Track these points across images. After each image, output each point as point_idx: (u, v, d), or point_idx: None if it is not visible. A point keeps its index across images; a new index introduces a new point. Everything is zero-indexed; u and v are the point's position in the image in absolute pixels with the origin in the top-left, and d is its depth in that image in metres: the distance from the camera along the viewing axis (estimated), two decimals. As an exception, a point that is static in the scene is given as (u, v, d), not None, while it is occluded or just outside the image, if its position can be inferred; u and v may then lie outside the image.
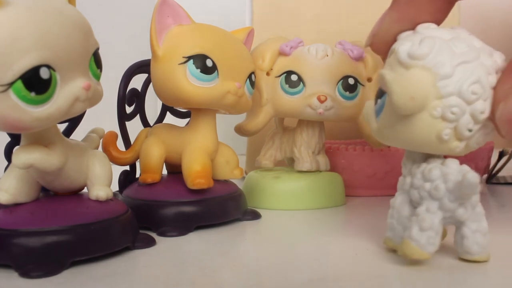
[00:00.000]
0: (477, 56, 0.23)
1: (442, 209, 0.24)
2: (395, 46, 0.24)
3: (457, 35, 0.24)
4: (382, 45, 0.27)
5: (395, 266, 0.25)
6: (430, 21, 0.25)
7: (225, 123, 0.44)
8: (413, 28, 0.25)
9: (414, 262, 0.24)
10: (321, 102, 0.37)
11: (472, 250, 0.24)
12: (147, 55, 0.34)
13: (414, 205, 0.25)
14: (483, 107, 0.22)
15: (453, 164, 0.24)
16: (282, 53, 0.39)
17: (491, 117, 0.23)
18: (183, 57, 0.31)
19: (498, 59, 0.23)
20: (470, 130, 0.23)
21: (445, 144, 0.23)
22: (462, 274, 0.23)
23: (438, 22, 0.25)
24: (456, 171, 0.23)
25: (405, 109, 0.23)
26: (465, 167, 0.23)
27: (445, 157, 0.25)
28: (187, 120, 0.40)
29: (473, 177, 0.22)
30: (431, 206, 0.24)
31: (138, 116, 0.38)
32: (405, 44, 0.23)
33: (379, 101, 0.25)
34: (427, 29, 0.24)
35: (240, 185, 0.38)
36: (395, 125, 0.24)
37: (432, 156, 0.25)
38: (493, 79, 0.23)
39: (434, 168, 0.24)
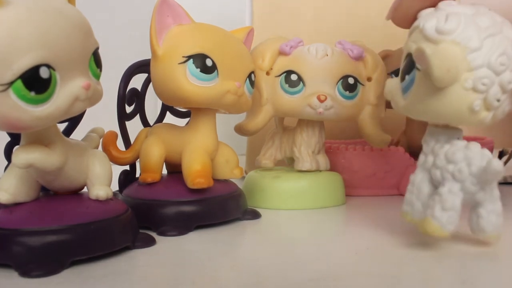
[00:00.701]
0: (501, 29, 0.24)
1: (464, 190, 0.25)
2: (420, 23, 0.25)
3: (478, 10, 0.25)
4: (402, 20, 0.28)
5: (395, 265, 0.25)
6: None
7: (225, 123, 0.44)
8: (433, 5, 0.26)
9: (432, 240, 0.26)
10: (321, 101, 0.37)
11: (486, 229, 0.25)
12: (147, 55, 0.34)
13: (434, 183, 0.26)
14: (510, 77, 0.24)
15: (475, 148, 0.25)
16: (282, 53, 0.39)
17: None
18: (183, 56, 0.31)
19: None
20: (498, 100, 0.24)
21: (475, 115, 0.24)
22: (462, 274, 0.23)
23: None
24: (479, 155, 0.24)
25: (443, 82, 0.23)
26: (487, 152, 0.24)
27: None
28: (187, 120, 0.40)
29: (498, 165, 0.23)
30: (453, 187, 0.25)
31: (138, 116, 0.38)
32: (430, 21, 0.25)
33: (407, 77, 0.26)
34: (449, 5, 0.25)
35: (240, 184, 0.38)
36: (427, 99, 0.25)
37: (455, 136, 0.26)
38: None
39: (457, 151, 0.25)
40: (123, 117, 0.37)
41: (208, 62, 0.31)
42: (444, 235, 0.25)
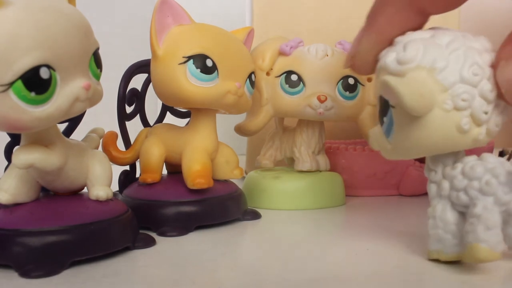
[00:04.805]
0: (463, 42, 0.23)
1: (497, 203, 0.23)
2: (381, 62, 0.24)
3: (436, 32, 0.24)
4: (363, 65, 0.27)
5: (395, 266, 0.25)
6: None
7: (225, 123, 0.44)
8: (392, 43, 0.25)
9: (480, 266, 0.23)
10: (321, 102, 0.37)
11: None
12: (147, 55, 0.34)
13: (457, 209, 0.24)
14: (489, 85, 0.23)
15: (491, 158, 0.23)
16: (282, 53, 0.39)
17: (497, 90, 0.23)
18: (183, 57, 0.31)
19: (484, 42, 0.24)
20: (486, 113, 0.23)
21: (467, 135, 0.23)
22: (462, 274, 0.23)
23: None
24: (499, 163, 0.23)
25: (418, 108, 0.22)
26: (500, 158, 0.23)
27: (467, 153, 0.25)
28: (187, 120, 0.40)
29: None
30: (487, 202, 0.23)
31: (138, 116, 0.38)
32: (390, 55, 0.24)
33: (385, 119, 0.25)
34: (405, 36, 0.24)
35: (240, 185, 0.38)
36: (411, 134, 0.23)
37: (459, 155, 0.24)
38: (487, 57, 0.23)
39: (476, 165, 0.23)
40: (123, 117, 0.37)
41: (208, 63, 0.31)
42: (496, 257, 0.22)
